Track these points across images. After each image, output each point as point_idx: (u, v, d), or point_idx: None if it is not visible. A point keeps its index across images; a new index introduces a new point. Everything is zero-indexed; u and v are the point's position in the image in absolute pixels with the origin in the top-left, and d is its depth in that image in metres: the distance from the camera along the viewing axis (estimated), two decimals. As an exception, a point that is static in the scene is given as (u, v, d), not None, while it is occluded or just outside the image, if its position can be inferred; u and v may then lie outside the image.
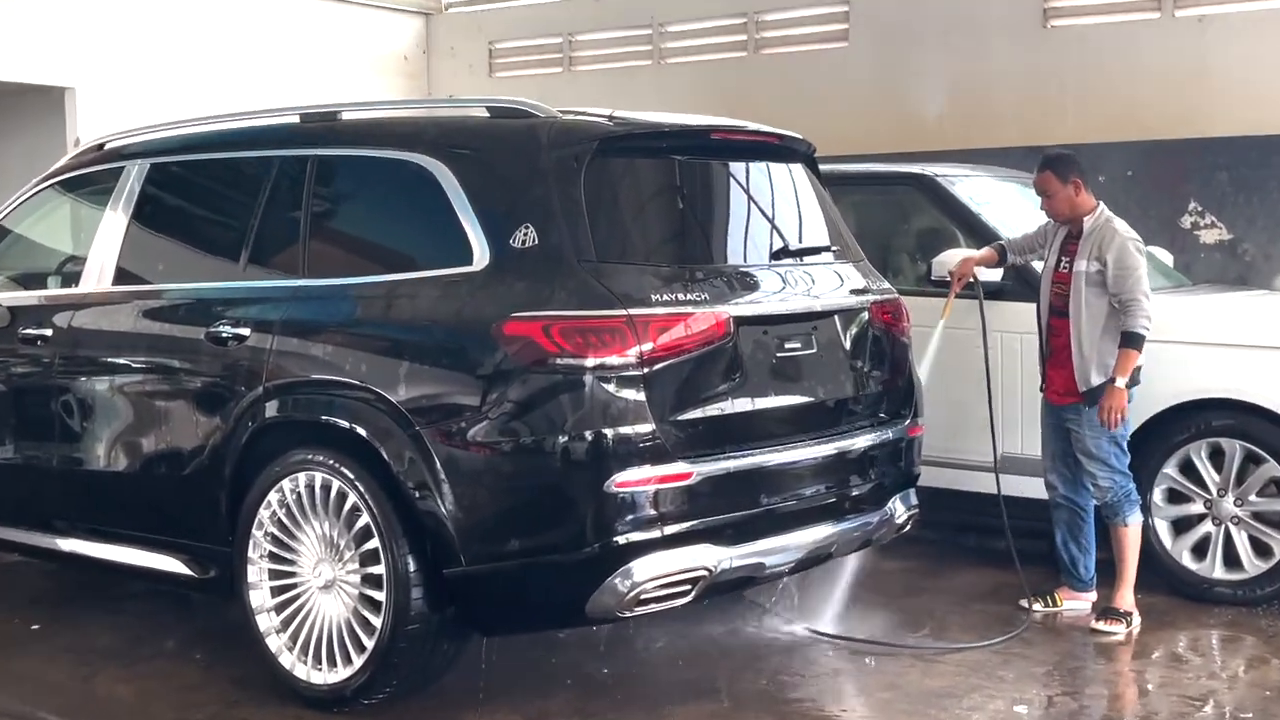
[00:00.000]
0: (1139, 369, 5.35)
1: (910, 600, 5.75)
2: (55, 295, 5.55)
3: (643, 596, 4.20)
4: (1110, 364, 5.30)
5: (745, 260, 4.75)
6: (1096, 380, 5.29)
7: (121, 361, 5.08)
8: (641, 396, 4.17)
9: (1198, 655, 5.24)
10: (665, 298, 4.27)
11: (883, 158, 7.91)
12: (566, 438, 4.12)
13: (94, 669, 4.97)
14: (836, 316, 4.82)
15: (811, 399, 4.71)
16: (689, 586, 4.29)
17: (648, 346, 4.18)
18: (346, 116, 4.97)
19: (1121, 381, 5.23)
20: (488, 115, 4.64)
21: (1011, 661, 5.02)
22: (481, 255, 4.34)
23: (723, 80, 10.27)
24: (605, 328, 4.15)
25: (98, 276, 5.24)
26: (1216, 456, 5.66)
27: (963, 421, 6.07)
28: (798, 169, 5.08)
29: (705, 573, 4.27)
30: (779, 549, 4.52)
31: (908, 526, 5.09)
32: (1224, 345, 5.68)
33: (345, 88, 11.31)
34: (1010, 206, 6.65)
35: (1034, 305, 5.70)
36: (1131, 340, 5.24)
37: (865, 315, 4.94)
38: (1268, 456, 5.54)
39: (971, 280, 5.80)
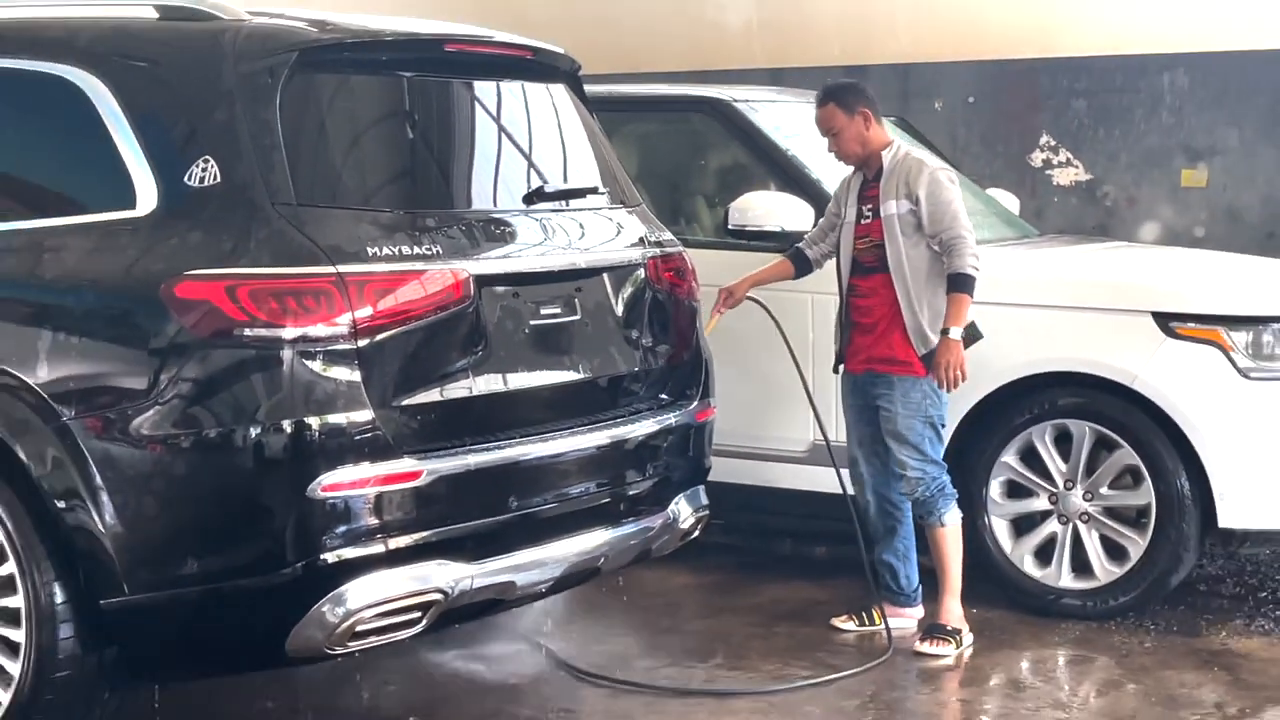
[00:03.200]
0: (973, 324, 5.51)
1: (702, 623, 5.85)
2: None
3: (360, 628, 4.16)
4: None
5: (492, 204, 4.74)
6: (936, 339, 5.44)
7: None
8: (356, 376, 4.13)
9: (1041, 680, 5.45)
10: (386, 251, 4.23)
11: (674, 78, 7.97)
12: (258, 429, 4.05)
13: None
14: (606, 274, 4.85)
15: (576, 376, 4.73)
16: (419, 613, 4.27)
17: (364, 312, 4.14)
18: (-30, 14, 4.79)
19: (956, 332, 5.40)
20: (156, 16, 4.52)
21: (819, 694, 5.14)
22: (148, 196, 4.24)
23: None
24: (308, 289, 4.09)
25: None
26: (1063, 442, 5.89)
27: (767, 401, 6.18)
28: (559, 90, 5.09)
29: (439, 595, 4.26)
30: (534, 563, 4.53)
31: (696, 532, 5.16)
32: (1074, 309, 5.90)
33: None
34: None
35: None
36: (960, 283, 5.41)
37: (642, 273, 4.98)
38: (1122, 441, 5.79)
39: (756, 301, 5.82)
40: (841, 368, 5.72)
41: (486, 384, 4.44)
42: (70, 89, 4.39)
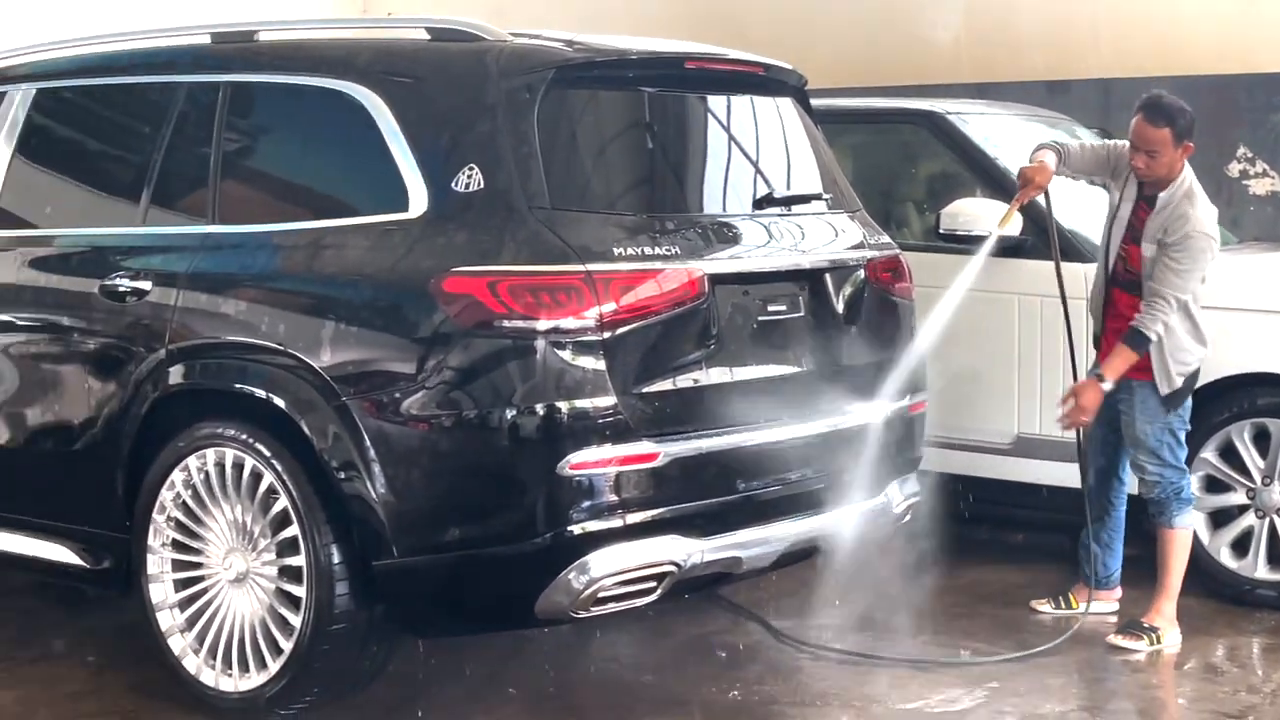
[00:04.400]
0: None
1: (909, 601, 5.81)
2: (-75, 241, 5.55)
3: (601, 594, 4.25)
4: (1187, 361, 5.30)
5: (723, 209, 4.78)
6: (1179, 381, 5.29)
7: (3, 318, 5.08)
8: (601, 365, 4.20)
9: (1236, 666, 5.35)
10: (630, 251, 4.30)
11: (887, 91, 7.95)
12: (514, 412, 4.16)
13: (-33, 673, 5.01)
14: (828, 275, 4.86)
15: (798, 369, 4.75)
16: (654, 583, 4.34)
17: (609, 307, 4.21)
18: (265, 37, 4.98)
19: (1108, 384, 5.24)
20: (428, 37, 4.66)
21: (1022, 672, 5.11)
22: (419, 200, 4.37)
23: (704, 1, 10.26)
24: (560, 285, 4.18)
25: (-26, 220, 5.25)
26: (1262, 439, 5.75)
27: (974, 395, 6.14)
28: (786, 104, 5.11)
29: (673, 568, 4.32)
30: (758, 541, 4.57)
31: (907, 517, 5.15)
32: (1274, 313, 5.76)
33: (265, 2, 11.25)
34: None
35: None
36: (1132, 339, 5.20)
37: (861, 274, 4.99)
38: (1319, 440, 5.64)
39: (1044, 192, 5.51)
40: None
41: (717, 374, 4.49)
42: (351, 103, 4.54)
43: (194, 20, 5.42)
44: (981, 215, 6.04)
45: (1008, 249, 6.07)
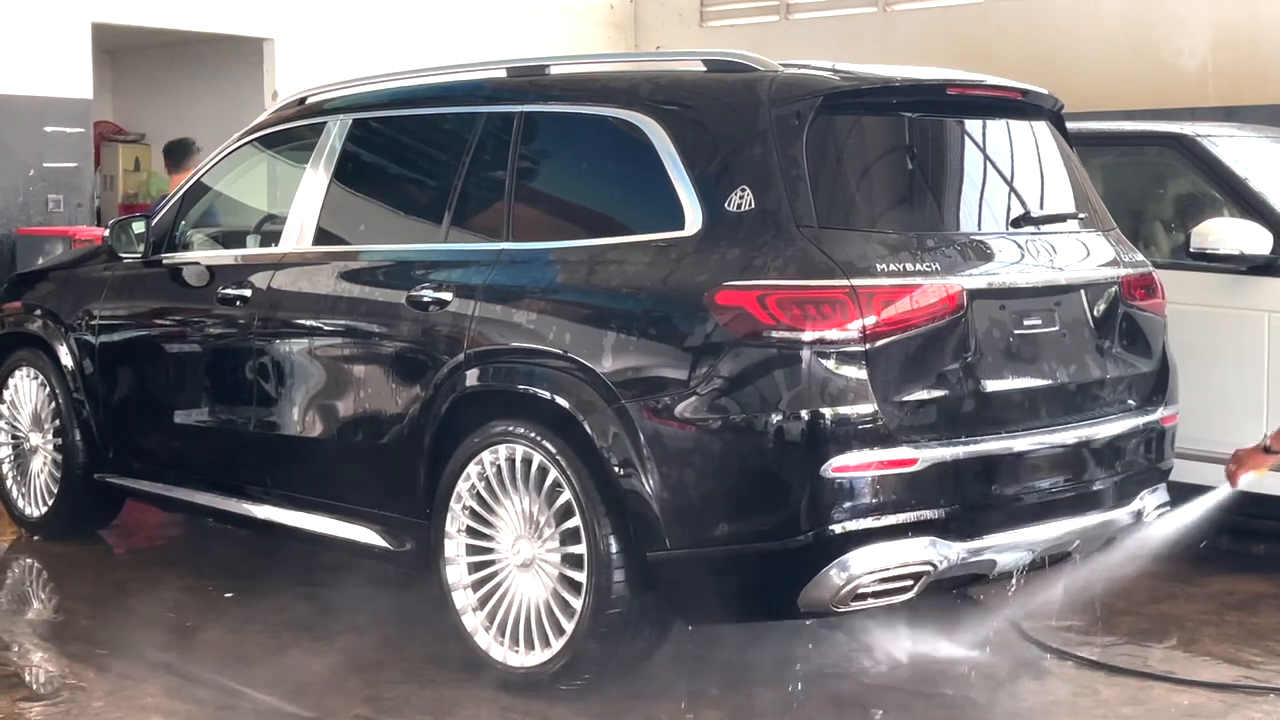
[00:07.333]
0: None
1: (1155, 607, 5.58)
2: (254, 255, 5.80)
3: (860, 591, 4.19)
4: None
5: (981, 228, 4.68)
6: None
7: (320, 324, 5.28)
8: (863, 374, 4.15)
9: None
10: (892, 267, 4.24)
11: (1136, 115, 7.67)
12: (781, 416, 4.13)
13: (285, 641, 5.18)
14: (1082, 291, 4.72)
15: (1052, 381, 4.61)
16: (910, 582, 4.26)
17: (871, 320, 4.16)
18: (555, 70, 5.04)
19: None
20: (704, 69, 4.66)
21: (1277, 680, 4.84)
22: (694, 219, 4.37)
23: (955, 29, 10.08)
24: (825, 299, 4.14)
25: (297, 236, 5.46)
26: None
27: (1224, 408, 5.87)
28: (1042, 128, 4.97)
29: (929, 568, 4.24)
30: (1011, 546, 4.45)
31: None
32: None
33: (548, 38, 11.49)
34: (1283, 172, 6.37)
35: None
36: None
37: (1115, 290, 4.82)
38: None
39: None
40: None
41: (974, 385, 4.40)
42: (633, 130, 4.58)
43: (486, 57, 5.52)
44: (1233, 235, 5.78)
45: (1257, 268, 5.80)
